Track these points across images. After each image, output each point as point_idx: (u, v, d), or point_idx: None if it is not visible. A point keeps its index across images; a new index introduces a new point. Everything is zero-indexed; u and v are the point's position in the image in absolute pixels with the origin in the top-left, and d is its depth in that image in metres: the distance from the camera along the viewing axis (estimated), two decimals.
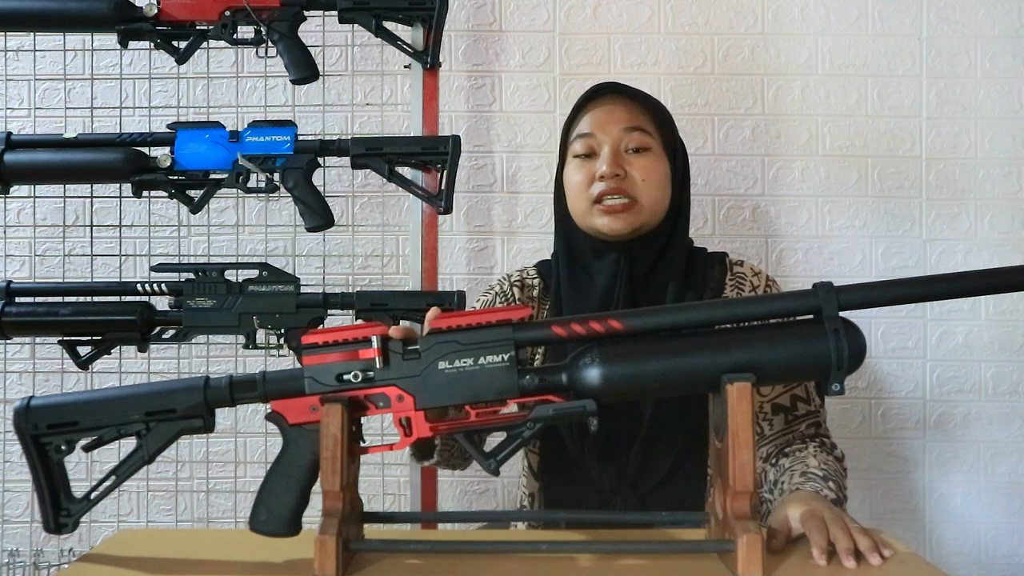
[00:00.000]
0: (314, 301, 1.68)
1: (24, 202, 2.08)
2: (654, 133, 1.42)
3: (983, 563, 2.16)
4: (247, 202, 2.12)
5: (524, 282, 1.51)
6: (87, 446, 1.06)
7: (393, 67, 2.08)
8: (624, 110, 1.42)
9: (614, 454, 1.37)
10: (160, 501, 2.14)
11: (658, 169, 1.41)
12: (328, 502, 0.98)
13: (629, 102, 1.43)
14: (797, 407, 1.39)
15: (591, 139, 1.42)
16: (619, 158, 1.40)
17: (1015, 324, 2.17)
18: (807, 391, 1.41)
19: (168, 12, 1.75)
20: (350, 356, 1.02)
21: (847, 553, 1.01)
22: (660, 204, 1.41)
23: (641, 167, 1.39)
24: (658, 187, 1.40)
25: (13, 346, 2.09)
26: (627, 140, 1.40)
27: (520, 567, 1.02)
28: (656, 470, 1.36)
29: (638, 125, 1.41)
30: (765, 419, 1.40)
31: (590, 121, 1.43)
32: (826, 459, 1.32)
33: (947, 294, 1.04)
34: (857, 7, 2.19)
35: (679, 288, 1.40)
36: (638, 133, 1.40)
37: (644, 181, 1.39)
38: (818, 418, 1.40)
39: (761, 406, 1.40)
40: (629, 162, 1.40)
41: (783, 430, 1.39)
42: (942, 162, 2.18)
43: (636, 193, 1.39)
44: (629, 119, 1.41)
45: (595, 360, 1.00)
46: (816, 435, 1.38)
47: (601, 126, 1.41)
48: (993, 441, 2.17)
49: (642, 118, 1.42)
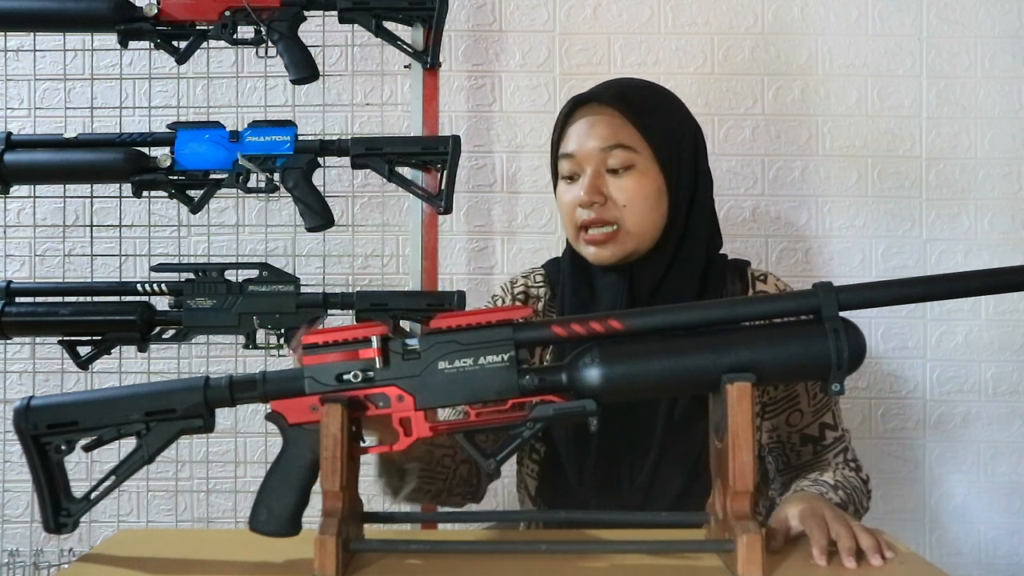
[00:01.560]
0: (314, 301, 1.68)
1: (24, 202, 2.07)
2: (640, 146, 1.32)
3: (983, 563, 2.16)
4: (247, 202, 2.12)
5: (528, 292, 1.45)
6: (87, 446, 1.06)
7: (393, 67, 2.08)
8: (605, 125, 1.33)
9: (615, 486, 1.33)
10: (160, 501, 2.14)
11: (644, 188, 1.32)
12: (328, 502, 0.98)
13: (612, 113, 1.33)
14: (825, 436, 1.36)
15: (572, 161, 1.34)
16: (599, 181, 1.32)
17: (1015, 324, 2.17)
18: (835, 417, 1.37)
19: (168, 12, 1.75)
20: (350, 356, 1.02)
21: (849, 553, 1.00)
22: (649, 225, 1.32)
23: (623, 189, 1.31)
24: (643, 208, 1.32)
25: (13, 346, 2.09)
26: (608, 159, 1.32)
27: (520, 567, 1.02)
28: (667, 491, 1.31)
29: (618, 142, 1.31)
30: (793, 450, 1.38)
31: (572, 138, 1.35)
32: (845, 474, 1.30)
33: (947, 294, 1.04)
34: (857, 7, 2.19)
35: None
36: (619, 151, 1.31)
37: (627, 205, 1.31)
38: (844, 443, 1.37)
39: (789, 436, 1.37)
40: (610, 185, 1.32)
41: (811, 460, 1.37)
42: (942, 162, 2.18)
43: (619, 218, 1.31)
44: (610, 135, 1.32)
45: (595, 360, 1.00)
46: (844, 461, 1.36)
47: (581, 145, 1.33)
48: (993, 441, 2.17)
49: (625, 131, 1.32)
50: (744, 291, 1.40)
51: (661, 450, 1.31)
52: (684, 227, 1.36)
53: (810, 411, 1.36)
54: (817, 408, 1.37)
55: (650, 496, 1.31)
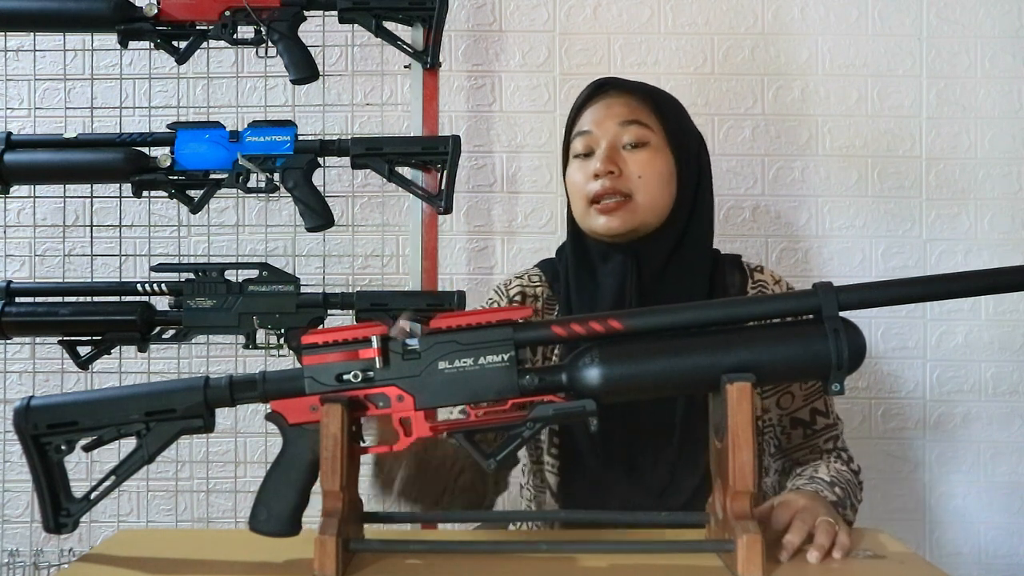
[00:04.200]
0: (314, 301, 1.68)
1: (24, 202, 2.07)
2: (654, 127, 1.37)
3: (983, 563, 2.16)
4: (247, 202, 2.12)
5: (525, 292, 1.45)
6: (87, 446, 1.06)
7: (393, 67, 2.08)
8: (622, 104, 1.38)
9: (639, 469, 1.33)
10: (160, 501, 2.14)
11: (657, 164, 1.35)
12: (328, 502, 0.98)
13: (628, 96, 1.39)
14: (816, 421, 1.37)
15: (589, 137, 1.38)
16: (615, 155, 1.35)
17: (1015, 324, 2.17)
18: (826, 404, 1.38)
19: (168, 12, 1.75)
20: (350, 356, 1.02)
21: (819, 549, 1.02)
22: (660, 201, 1.35)
23: (637, 163, 1.35)
24: (657, 183, 1.35)
25: (13, 346, 2.09)
26: (624, 135, 1.36)
27: (520, 567, 1.02)
28: (684, 487, 1.32)
29: (635, 119, 1.36)
30: (784, 432, 1.39)
31: (589, 118, 1.39)
32: (839, 468, 1.30)
33: (947, 294, 1.04)
34: (857, 7, 2.19)
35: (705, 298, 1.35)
36: (635, 127, 1.36)
37: (641, 177, 1.34)
38: (836, 431, 1.38)
39: (780, 419, 1.39)
40: (626, 159, 1.35)
41: (801, 444, 1.38)
42: (942, 162, 2.18)
43: (632, 190, 1.34)
44: (627, 113, 1.37)
45: (595, 360, 1.00)
46: (834, 449, 1.37)
47: (598, 122, 1.37)
48: (993, 441, 2.17)
49: (641, 111, 1.37)
50: (743, 281, 1.41)
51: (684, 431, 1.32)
52: (690, 213, 1.39)
53: (801, 395, 1.38)
54: (809, 393, 1.38)
55: (676, 475, 1.33)
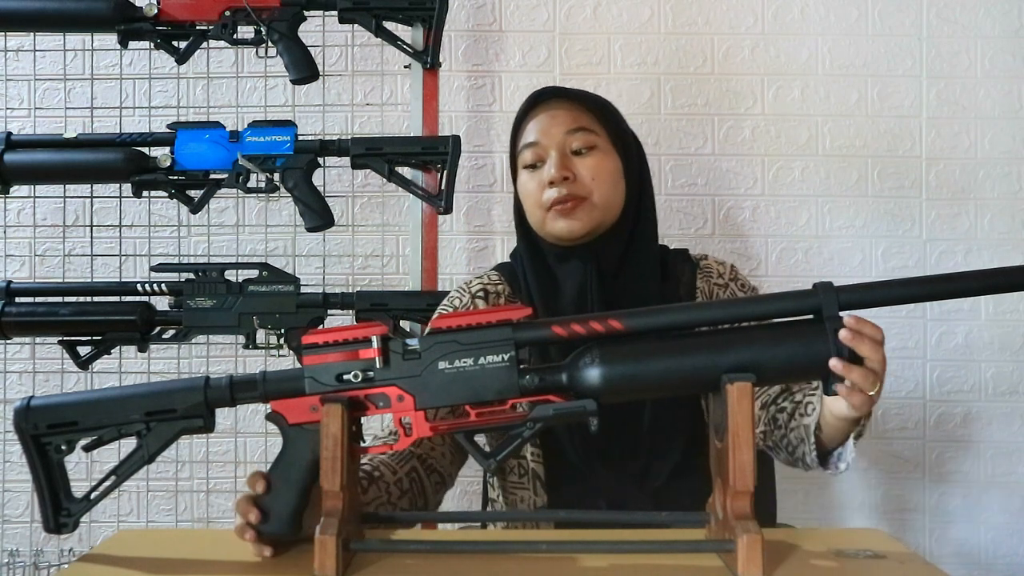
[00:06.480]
0: (314, 301, 1.68)
1: (24, 202, 2.08)
2: (599, 130, 1.41)
3: (983, 563, 2.16)
4: (247, 202, 2.12)
5: (487, 290, 1.47)
6: (87, 446, 1.06)
7: (393, 67, 2.08)
8: (565, 113, 1.41)
9: (618, 457, 1.36)
10: (160, 501, 2.14)
11: (607, 165, 1.40)
12: (328, 502, 0.98)
13: (570, 104, 1.43)
14: None
15: (537, 147, 1.41)
16: (566, 161, 1.39)
17: (1015, 324, 2.17)
18: None
19: (168, 12, 1.76)
20: (350, 356, 1.02)
21: None
22: (614, 199, 1.40)
23: (589, 166, 1.39)
24: (609, 183, 1.39)
25: (13, 346, 2.09)
26: (572, 142, 1.40)
27: (520, 567, 1.02)
28: (659, 470, 1.35)
29: (581, 125, 1.40)
30: None
31: (534, 129, 1.42)
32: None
33: (947, 294, 1.04)
34: (857, 7, 2.19)
35: (659, 287, 1.40)
36: (582, 133, 1.40)
37: (594, 179, 1.38)
38: None
39: None
40: (576, 164, 1.39)
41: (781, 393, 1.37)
42: (942, 162, 2.18)
43: (588, 192, 1.38)
44: (571, 120, 1.40)
45: (595, 360, 1.00)
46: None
47: (545, 131, 1.41)
48: (993, 441, 2.17)
49: (585, 117, 1.41)
50: (692, 272, 1.45)
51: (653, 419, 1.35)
52: (637, 210, 1.43)
53: None
54: None
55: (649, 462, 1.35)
